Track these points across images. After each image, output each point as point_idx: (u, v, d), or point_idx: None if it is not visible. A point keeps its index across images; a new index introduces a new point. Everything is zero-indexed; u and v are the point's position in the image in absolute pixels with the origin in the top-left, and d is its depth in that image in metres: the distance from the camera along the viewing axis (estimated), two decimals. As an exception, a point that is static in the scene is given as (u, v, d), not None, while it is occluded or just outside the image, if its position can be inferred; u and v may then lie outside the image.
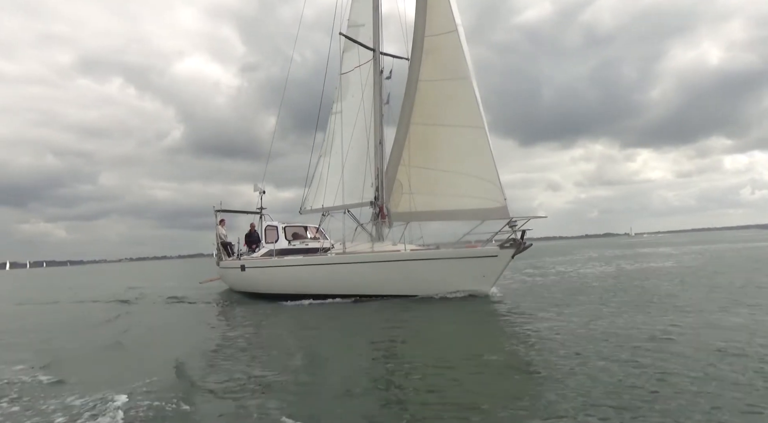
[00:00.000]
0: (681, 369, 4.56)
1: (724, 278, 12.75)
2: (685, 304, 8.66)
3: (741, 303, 8.43)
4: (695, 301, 8.88)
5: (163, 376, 5.24)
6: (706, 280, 12.56)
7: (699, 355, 5.01)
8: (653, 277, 14.29)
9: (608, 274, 16.03)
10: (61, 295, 18.86)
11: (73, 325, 10.41)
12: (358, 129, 14.07)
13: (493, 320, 8.59)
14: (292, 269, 12.62)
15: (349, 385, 4.66)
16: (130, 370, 5.58)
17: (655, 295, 10.19)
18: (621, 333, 6.34)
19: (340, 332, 8.35)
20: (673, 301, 9.11)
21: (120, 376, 5.28)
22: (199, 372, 5.46)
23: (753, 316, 7.20)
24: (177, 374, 5.38)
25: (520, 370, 4.95)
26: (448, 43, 12.47)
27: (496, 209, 11.35)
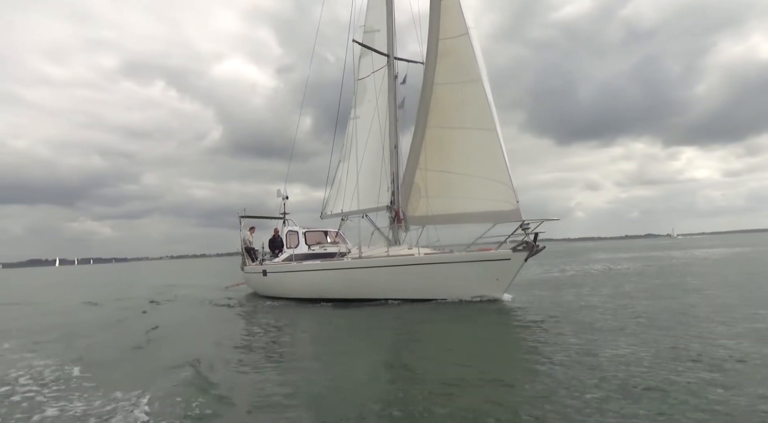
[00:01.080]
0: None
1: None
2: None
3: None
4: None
5: (175, 375, 5.52)
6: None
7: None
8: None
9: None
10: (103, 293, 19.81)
11: (106, 322, 10.97)
12: (374, 134, 14.23)
13: (504, 327, 8.56)
14: (310, 274, 12.90)
15: (359, 397, 4.65)
16: (148, 370, 5.91)
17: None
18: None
19: (355, 337, 8.42)
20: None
21: (141, 375, 5.62)
22: (210, 374, 5.66)
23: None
24: (190, 374, 5.62)
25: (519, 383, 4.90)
26: (460, 46, 12.49)
27: (508, 212, 11.30)
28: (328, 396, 4.68)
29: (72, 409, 4.48)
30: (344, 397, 4.60)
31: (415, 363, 5.97)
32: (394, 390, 4.81)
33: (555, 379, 4.73)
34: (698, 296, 10.78)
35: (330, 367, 5.90)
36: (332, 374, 5.53)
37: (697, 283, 13.32)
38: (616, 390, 4.35)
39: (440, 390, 4.64)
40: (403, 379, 5.29)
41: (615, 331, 7.05)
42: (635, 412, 3.81)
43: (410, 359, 6.24)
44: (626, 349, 5.85)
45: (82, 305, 15.07)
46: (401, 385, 5.01)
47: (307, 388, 4.96)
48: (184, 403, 4.45)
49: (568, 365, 5.23)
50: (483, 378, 5.02)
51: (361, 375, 5.46)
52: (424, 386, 4.82)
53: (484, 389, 4.62)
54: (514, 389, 4.57)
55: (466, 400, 4.31)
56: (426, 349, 6.91)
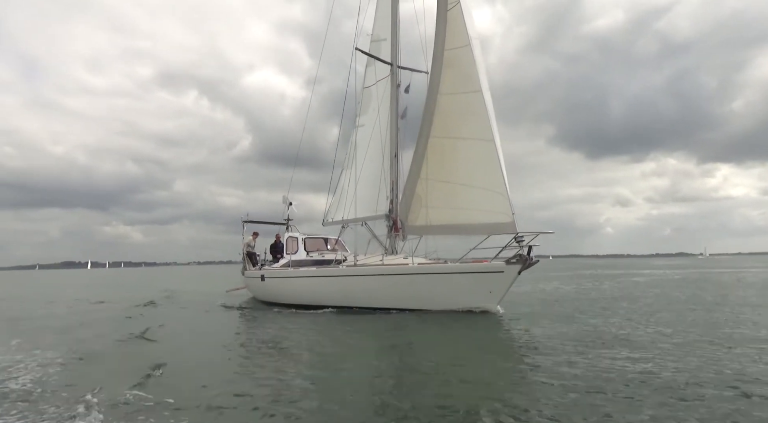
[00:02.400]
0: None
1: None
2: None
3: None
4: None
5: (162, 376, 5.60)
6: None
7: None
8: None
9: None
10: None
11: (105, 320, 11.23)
12: (376, 142, 14.25)
13: (495, 338, 8.38)
14: (306, 280, 12.92)
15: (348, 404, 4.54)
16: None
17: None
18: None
19: (345, 345, 8.29)
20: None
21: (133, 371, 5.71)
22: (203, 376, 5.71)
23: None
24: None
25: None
26: (463, 57, 12.43)
27: (505, 224, 11.10)
28: (311, 401, 4.55)
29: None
30: (329, 405, 4.44)
31: (406, 373, 5.81)
32: (385, 398, 4.67)
33: (543, 391, 4.69)
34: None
35: (313, 373, 5.74)
36: (316, 380, 5.38)
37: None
38: (607, 397, 4.32)
39: (433, 400, 4.51)
40: (394, 388, 5.13)
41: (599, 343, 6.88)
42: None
43: (401, 369, 6.08)
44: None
45: (73, 303, 15.59)
46: (393, 394, 4.85)
47: (284, 390, 4.89)
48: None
49: (552, 373, 5.24)
50: (472, 390, 4.89)
51: (350, 384, 5.30)
52: (417, 395, 4.70)
53: (475, 401, 4.48)
54: (506, 401, 4.45)
55: (458, 407, 4.23)
56: (419, 359, 6.71)
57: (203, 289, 23.70)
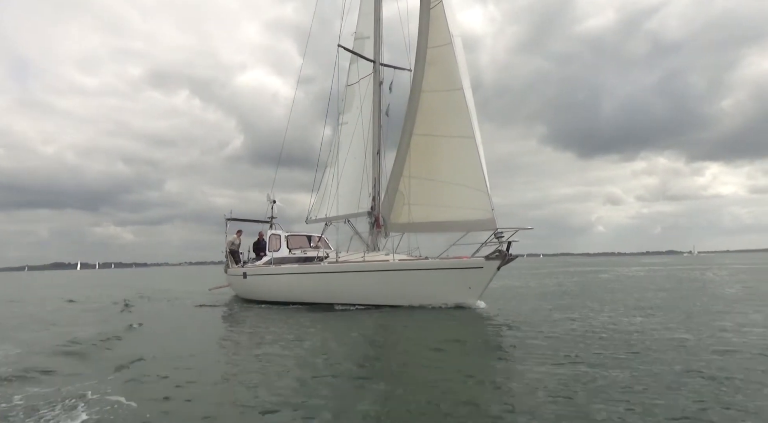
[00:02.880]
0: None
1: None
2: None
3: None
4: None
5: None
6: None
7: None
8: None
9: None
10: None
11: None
12: (359, 140, 14.27)
13: (475, 333, 8.41)
14: (287, 277, 12.90)
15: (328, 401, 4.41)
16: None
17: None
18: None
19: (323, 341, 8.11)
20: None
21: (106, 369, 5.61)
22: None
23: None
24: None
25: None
26: (445, 55, 12.48)
27: (484, 221, 11.18)
28: (293, 398, 4.43)
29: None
30: (311, 400, 4.34)
31: (386, 368, 5.77)
32: (364, 393, 4.58)
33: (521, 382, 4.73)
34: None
35: (293, 371, 5.62)
36: (296, 377, 5.24)
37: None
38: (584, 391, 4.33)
39: (414, 396, 4.49)
40: (374, 383, 5.00)
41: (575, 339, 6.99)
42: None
43: (382, 364, 6.04)
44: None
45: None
46: (373, 389, 4.76)
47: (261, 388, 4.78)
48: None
49: (530, 368, 5.28)
50: (451, 382, 4.88)
51: (328, 379, 5.14)
52: (397, 391, 4.66)
53: (454, 393, 4.49)
54: (486, 395, 4.48)
55: (439, 402, 4.21)
56: (400, 353, 6.77)
57: (187, 288, 23.55)
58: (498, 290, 15.79)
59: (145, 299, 16.52)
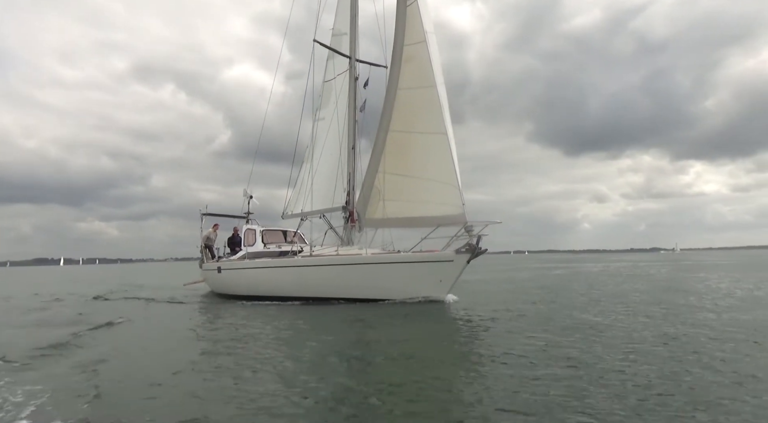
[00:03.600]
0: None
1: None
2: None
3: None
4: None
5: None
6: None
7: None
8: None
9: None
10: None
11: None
12: (335, 135, 14.32)
13: (445, 327, 8.52)
14: (261, 271, 12.94)
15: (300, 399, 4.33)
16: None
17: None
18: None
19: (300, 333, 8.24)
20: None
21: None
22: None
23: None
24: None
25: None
26: (420, 52, 12.60)
27: (455, 216, 11.35)
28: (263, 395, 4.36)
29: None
30: (281, 399, 4.25)
31: (360, 363, 5.75)
32: (341, 390, 4.58)
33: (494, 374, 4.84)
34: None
35: (262, 365, 5.58)
36: (265, 374, 5.19)
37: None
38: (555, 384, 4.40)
39: (390, 391, 4.49)
40: (349, 378, 5.06)
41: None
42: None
43: (357, 359, 5.98)
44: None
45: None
46: (348, 384, 4.77)
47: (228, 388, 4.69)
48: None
49: (501, 360, 5.42)
50: (424, 376, 4.91)
51: (302, 376, 5.07)
52: (372, 386, 4.66)
53: (428, 388, 4.52)
54: (457, 388, 4.52)
55: (411, 397, 4.26)
56: (369, 351, 6.70)
57: (162, 283, 23.39)
58: (472, 285, 16.03)
59: (115, 294, 16.38)
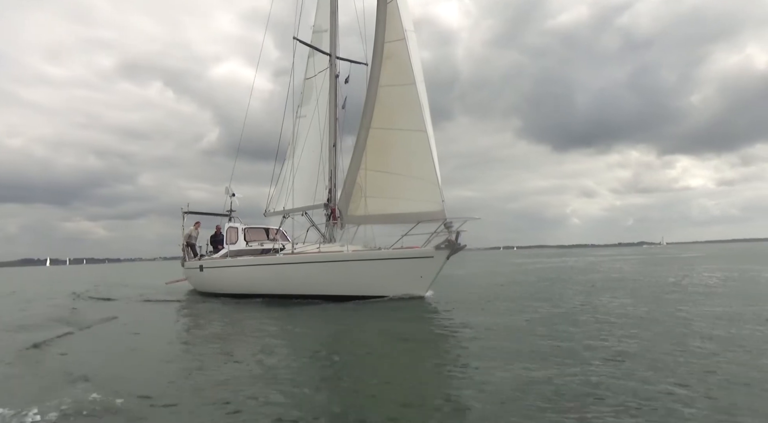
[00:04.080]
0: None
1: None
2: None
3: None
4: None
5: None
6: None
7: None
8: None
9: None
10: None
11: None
12: (317, 132, 14.31)
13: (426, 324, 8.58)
14: (243, 269, 12.94)
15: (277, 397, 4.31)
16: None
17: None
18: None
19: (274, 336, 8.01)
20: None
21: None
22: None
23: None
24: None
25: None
26: (400, 50, 12.65)
27: (435, 212, 11.44)
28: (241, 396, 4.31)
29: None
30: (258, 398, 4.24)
31: (339, 362, 5.74)
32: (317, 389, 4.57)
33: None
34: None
35: (242, 365, 5.60)
36: (246, 373, 5.16)
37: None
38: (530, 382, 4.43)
39: (371, 391, 4.50)
40: (328, 377, 5.06)
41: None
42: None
43: (334, 358, 5.97)
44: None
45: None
46: (327, 383, 4.80)
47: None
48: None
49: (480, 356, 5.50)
50: (400, 375, 5.02)
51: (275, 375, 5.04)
52: (353, 386, 4.69)
53: (403, 387, 4.59)
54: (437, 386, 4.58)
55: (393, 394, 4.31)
56: (348, 349, 6.77)
57: (146, 282, 23.24)
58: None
59: (89, 293, 16.24)
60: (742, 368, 4.55)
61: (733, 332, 6.29)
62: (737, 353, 5.15)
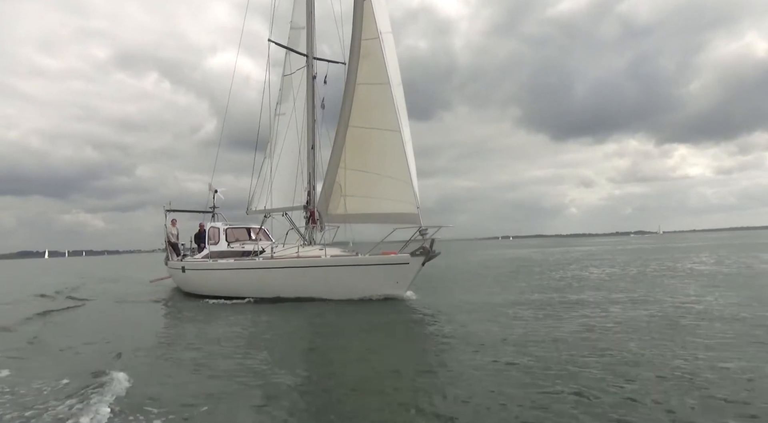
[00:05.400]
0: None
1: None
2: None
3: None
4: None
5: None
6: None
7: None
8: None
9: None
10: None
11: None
12: (296, 132, 14.29)
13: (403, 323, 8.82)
14: (224, 272, 12.98)
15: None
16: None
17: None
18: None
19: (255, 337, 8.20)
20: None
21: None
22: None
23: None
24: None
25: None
26: (375, 49, 12.61)
27: (410, 215, 11.51)
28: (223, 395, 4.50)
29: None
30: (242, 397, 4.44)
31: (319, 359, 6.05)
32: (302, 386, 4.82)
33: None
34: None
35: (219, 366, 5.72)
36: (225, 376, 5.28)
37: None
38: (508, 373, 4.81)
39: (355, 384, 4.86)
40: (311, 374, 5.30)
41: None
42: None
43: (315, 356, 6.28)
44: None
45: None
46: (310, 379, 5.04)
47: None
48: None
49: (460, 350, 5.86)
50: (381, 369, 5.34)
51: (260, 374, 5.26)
52: (335, 382, 4.98)
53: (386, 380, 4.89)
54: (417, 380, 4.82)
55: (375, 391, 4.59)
56: (325, 348, 6.98)
57: (136, 276, 23.25)
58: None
59: (70, 290, 16.29)
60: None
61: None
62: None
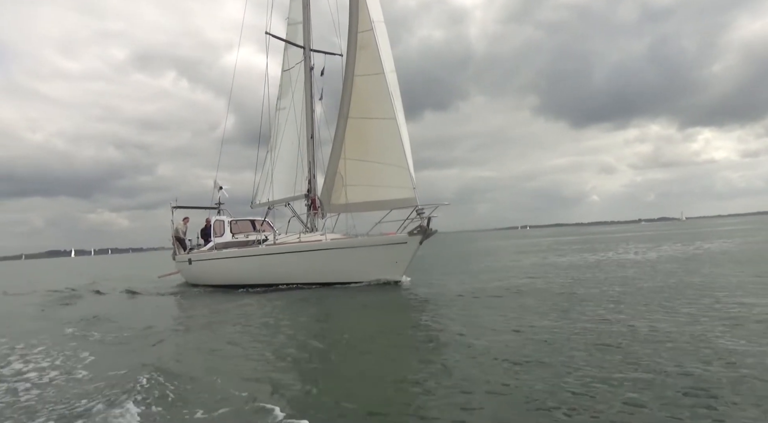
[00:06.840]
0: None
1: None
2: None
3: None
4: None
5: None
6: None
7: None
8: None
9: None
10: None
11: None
12: (296, 125, 14.56)
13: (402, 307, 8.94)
14: (229, 261, 13.40)
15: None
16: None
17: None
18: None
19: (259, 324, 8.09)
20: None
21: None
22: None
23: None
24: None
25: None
26: (370, 40, 12.78)
27: (407, 199, 11.74)
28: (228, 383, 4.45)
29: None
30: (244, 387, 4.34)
31: (317, 346, 5.95)
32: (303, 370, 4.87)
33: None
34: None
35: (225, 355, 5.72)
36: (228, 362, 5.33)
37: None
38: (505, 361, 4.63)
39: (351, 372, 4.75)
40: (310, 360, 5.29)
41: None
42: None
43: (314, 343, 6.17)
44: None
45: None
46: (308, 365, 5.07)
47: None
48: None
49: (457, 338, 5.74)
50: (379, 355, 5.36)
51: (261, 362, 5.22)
52: (331, 369, 4.91)
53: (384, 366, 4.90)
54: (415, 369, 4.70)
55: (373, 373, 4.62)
56: (334, 333, 6.99)
57: (146, 274, 23.78)
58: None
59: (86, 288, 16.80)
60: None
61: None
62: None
